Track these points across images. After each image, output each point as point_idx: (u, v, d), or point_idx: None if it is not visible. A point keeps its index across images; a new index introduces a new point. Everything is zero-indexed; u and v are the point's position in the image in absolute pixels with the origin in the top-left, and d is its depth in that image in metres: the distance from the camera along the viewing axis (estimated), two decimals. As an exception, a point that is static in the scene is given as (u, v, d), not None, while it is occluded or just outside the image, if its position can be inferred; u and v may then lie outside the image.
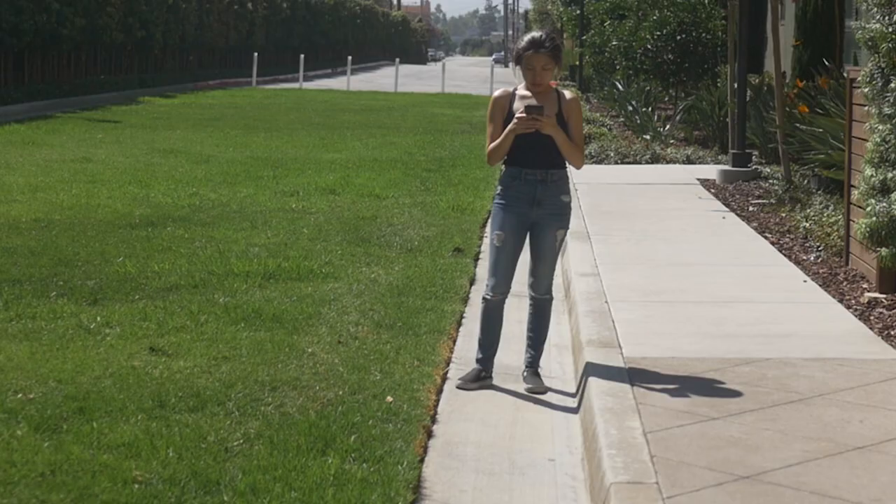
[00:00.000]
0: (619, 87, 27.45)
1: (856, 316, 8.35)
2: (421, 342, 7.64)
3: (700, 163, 18.36)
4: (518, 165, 6.94)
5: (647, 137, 20.83)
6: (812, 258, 10.79)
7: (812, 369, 6.84)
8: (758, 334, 7.67)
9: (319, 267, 9.82)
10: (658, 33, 22.84)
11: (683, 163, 18.38)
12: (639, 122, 22.44)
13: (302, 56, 46.97)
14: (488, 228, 6.92)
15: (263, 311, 8.21)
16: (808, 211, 12.23)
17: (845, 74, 13.33)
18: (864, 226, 8.42)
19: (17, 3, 27.90)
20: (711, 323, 8.00)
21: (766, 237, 11.77)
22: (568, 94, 7.07)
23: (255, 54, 45.29)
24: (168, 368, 6.82)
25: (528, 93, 6.96)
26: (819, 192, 13.49)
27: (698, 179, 16.22)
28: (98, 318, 7.93)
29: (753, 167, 16.18)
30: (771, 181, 15.53)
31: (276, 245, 10.77)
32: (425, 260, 10.36)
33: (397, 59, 50.36)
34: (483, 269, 9.35)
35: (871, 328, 8.01)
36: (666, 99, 25.93)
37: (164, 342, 7.40)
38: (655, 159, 18.58)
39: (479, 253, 10.85)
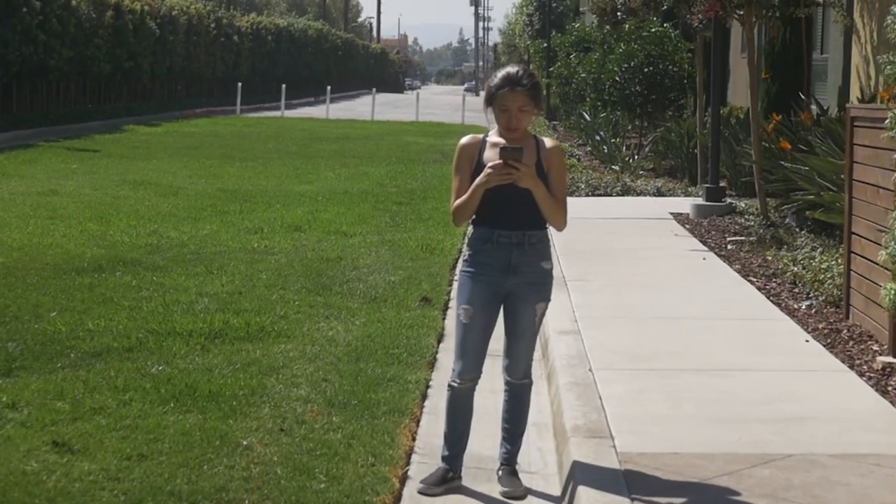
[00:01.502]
0: (587, 116, 25.81)
1: (872, 387, 6.70)
2: (378, 428, 5.94)
3: (671, 195, 16.71)
4: (489, 226, 5.26)
5: (616, 168, 19.18)
6: (804, 307, 9.15)
7: (845, 472, 5.17)
8: (770, 418, 6.00)
9: (272, 323, 8.11)
10: (626, 65, 21.21)
11: (654, 195, 16.73)
12: (606, 151, 20.80)
13: (283, 86, 45.22)
14: (454, 297, 5.32)
15: (199, 385, 6.49)
16: (796, 254, 10.58)
17: (826, 110, 11.70)
18: (894, 293, 6.77)
19: (3, 35, 26.09)
20: (713, 401, 6.32)
21: (751, 281, 10.12)
22: (548, 141, 5.38)
23: (239, 84, 43.52)
24: (67, 475, 5.10)
25: (501, 140, 5.29)
26: (803, 231, 11.84)
27: (671, 213, 14.56)
28: (4, 398, 6.21)
29: (727, 202, 14.53)
30: (746, 217, 13.89)
31: (229, 294, 9.05)
32: (389, 312, 8.67)
33: (374, 89, 48.64)
34: (452, 323, 7.66)
35: (892, 403, 6.37)
36: (630, 128, 24.28)
37: (74, 432, 5.68)
38: (626, 191, 16.92)
39: (447, 302, 9.16)
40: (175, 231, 12.26)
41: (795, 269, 10.16)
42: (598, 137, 22.12)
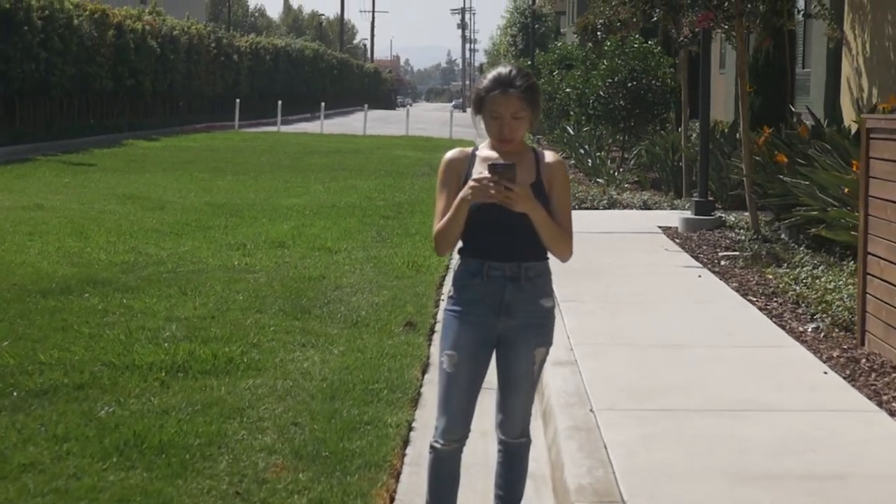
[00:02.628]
0: (570, 130, 24.61)
1: (907, 430, 5.53)
2: (350, 489, 4.74)
3: (657, 208, 15.52)
4: (479, 256, 4.06)
5: (601, 181, 17.99)
6: (810, 329, 7.98)
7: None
8: (803, 473, 4.81)
9: (242, 353, 6.90)
10: (610, 80, 20.01)
11: (640, 208, 15.54)
12: (591, 164, 19.61)
13: (280, 102, 43.90)
14: (435, 345, 4.15)
15: (149, 434, 5.28)
16: (797, 272, 9.40)
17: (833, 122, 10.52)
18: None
19: (4, 52, 24.83)
20: (732, 450, 5.13)
21: (750, 300, 8.94)
22: (549, 155, 4.17)
23: (238, 101, 42.21)
24: (-33, 561, 3.91)
25: (492, 153, 4.10)
26: (801, 248, 10.65)
27: (659, 227, 13.37)
28: (-80, 452, 5.01)
29: (717, 215, 13.35)
30: (737, 231, 12.71)
31: (200, 319, 7.85)
32: (371, 338, 7.47)
33: (366, 105, 47.35)
34: (438, 350, 6.43)
35: (935, 451, 5.20)
36: (610, 141, 23.08)
37: (-8, 498, 4.49)
38: (612, 204, 15.73)
39: (433, 325, 7.95)
40: (155, 247, 11.05)
41: (797, 288, 8.98)
42: (582, 151, 20.92)
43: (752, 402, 5.90)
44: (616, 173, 18.40)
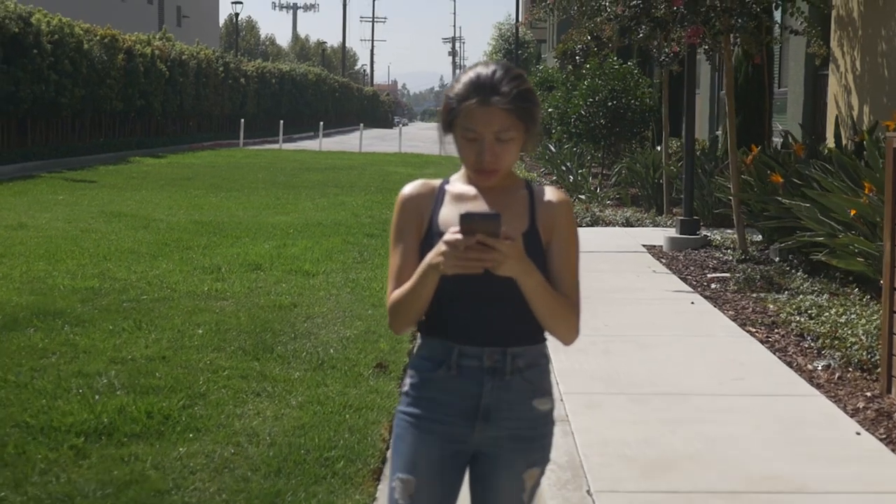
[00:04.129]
0: (552, 148, 23.04)
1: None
2: None
3: (639, 225, 13.96)
4: (447, 338, 2.50)
5: (583, 198, 16.42)
6: (820, 368, 6.45)
7: None
8: None
9: (184, 407, 5.32)
10: (591, 100, 18.46)
11: (623, 225, 13.98)
12: (573, 181, 18.04)
13: (281, 122, 42.29)
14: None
15: (32, 538, 3.72)
16: (799, 301, 7.84)
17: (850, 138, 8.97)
18: None
19: (14, 74, 23.20)
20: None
21: (749, 332, 7.40)
22: (551, 192, 2.58)
23: (242, 120, 40.48)
24: None
25: (468, 188, 2.55)
26: (796, 271, 9.09)
27: (644, 246, 11.82)
28: None
29: (702, 234, 11.80)
30: (723, 251, 11.17)
31: (148, 361, 6.26)
32: (335, 385, 5.89)
33: (361, 125, 45.72)
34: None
35: None
36: (588, 158, 21.52)
37: None
38: (595, 222, 14.18)
39: (407, 367, 6.37)
40: (126, 271, 9.46)
41: (801, 319, 7.43)
42: (564, 168, 19.36)
43: (784, 480, 4.34)
44: (598, 190, 16.84)
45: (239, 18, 71.22)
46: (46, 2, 33.18)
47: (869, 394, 5.80)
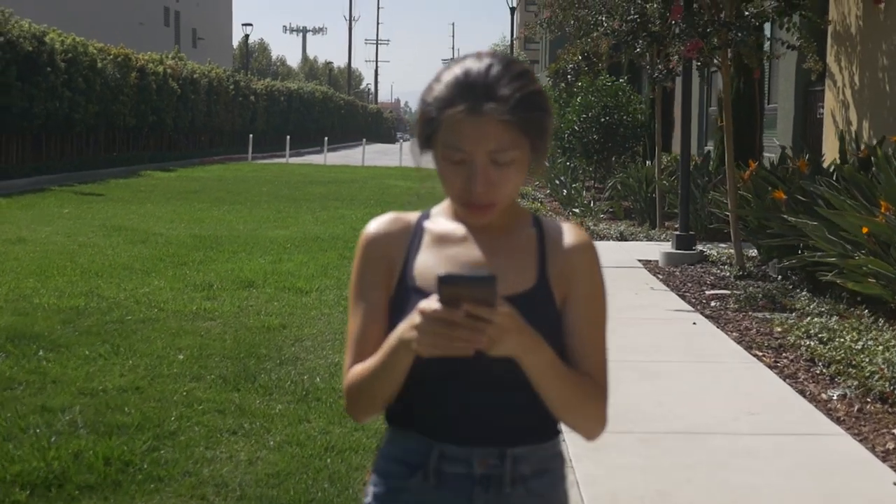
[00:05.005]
0: (545, 163, 22.16)
1: None
2: None
3: (633, 239, 13.14)
4: (424, 433, 1.66)
5: (577, 211, 15.61)
6: (835, 397, 5.64)
7: None
8: None
9: (148, 451, 4.49)
10: (584, 116, 17.64)
11: (617, 239, 13.16)
12: (566, 195, 17.22)
13: (288, 137, 41.46)
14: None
15: None
16: (807, 323, 7.01)
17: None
18: None
19: (29, 91, 22.37)
20: None
21: (756, 355, 6.59)
22: (569, 231, 1.75)
23: (251, 136, 39.69)
24: None
25: (455, 226, 1.73)
26: (798, 290, 8.26)
27: (640, 261, 10.99)
28: None
29: (698, 249, 10.97)
30: (720, 266, 10.35)
31: (120, 392, 5.44)
32: (318, 421, 5.06)
33: (364, 140, 44.96)
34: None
35: None
36: (581, 172, 20.70)
37: None
38: (589, 235, 13.32)
39: (399, 397, 5.55)
40: (115, 289, 8.63)
41: (811, 343, 6.61)
42: (557, 182, 18.54)
43: (823, 548, 3.52)
44: (591, 204, 16.02)
45: (252, 41, 70.58)
46: (67, 23, 32.38)
47: (894, 429, 4.98)
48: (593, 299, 1.73)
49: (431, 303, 1.49)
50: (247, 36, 65.41)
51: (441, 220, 1.76)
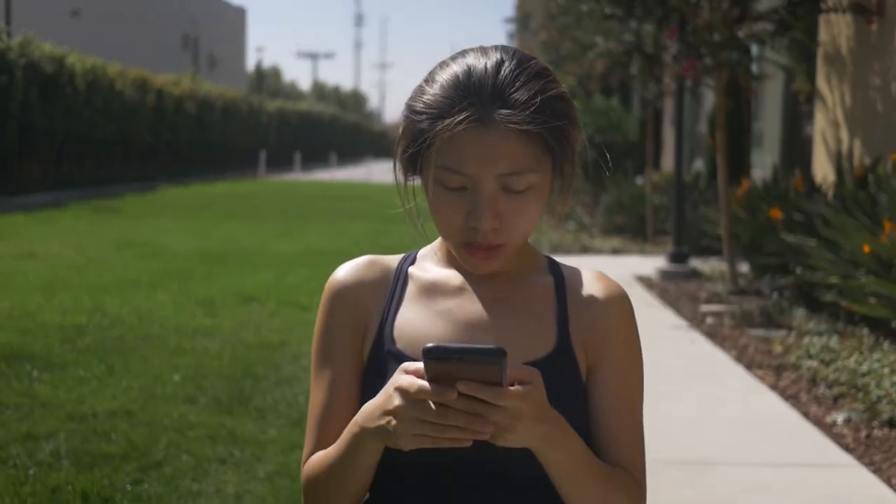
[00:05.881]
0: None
1: None
2: None
3: (627, 254, 12.65)
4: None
5: (572, 227, 15.10)
6: (840, 421, 5.13)
7: None
8: None
9: (131, 485, 3.98)
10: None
11: (611, 254, 12.67)
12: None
13: (298, 154, 41.13)
14: None
15: None
16: (807, 342, 6.50)
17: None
18: None
19: (49, 111, 21.92)
20: None
21: (757, 375, 6.08)
22: (595, 281, 1.26)
23: (263, 153, 39.24)
24: None
25: (449, 274, 1.23)
26: (794, 307, 7.75)
27: (635, 277, 10.48)
28: None
29: (692, 267, 10.47)
30: (713, 281, 9.85)
31: (109, 416, 4.93)
32: (313, 449, 4.55)
33: (369, 156, 44.60)
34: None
35: None
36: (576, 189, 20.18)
37: None
38: (585, 250, 12.87)
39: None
40: (119, 304, 8.13)
41: (812, 363, 6.10)
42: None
43: None
44: (587, 220, 15.53)
45: (265, 66, 70.21)
46: (88, 46, 31.93)
47: (906, 457, 4.47)
48: (629, 369, 1.24)
49: (414, 378, 1.00)
50: (259, 60, 65.09)
51: (430, 266, 1.27)
